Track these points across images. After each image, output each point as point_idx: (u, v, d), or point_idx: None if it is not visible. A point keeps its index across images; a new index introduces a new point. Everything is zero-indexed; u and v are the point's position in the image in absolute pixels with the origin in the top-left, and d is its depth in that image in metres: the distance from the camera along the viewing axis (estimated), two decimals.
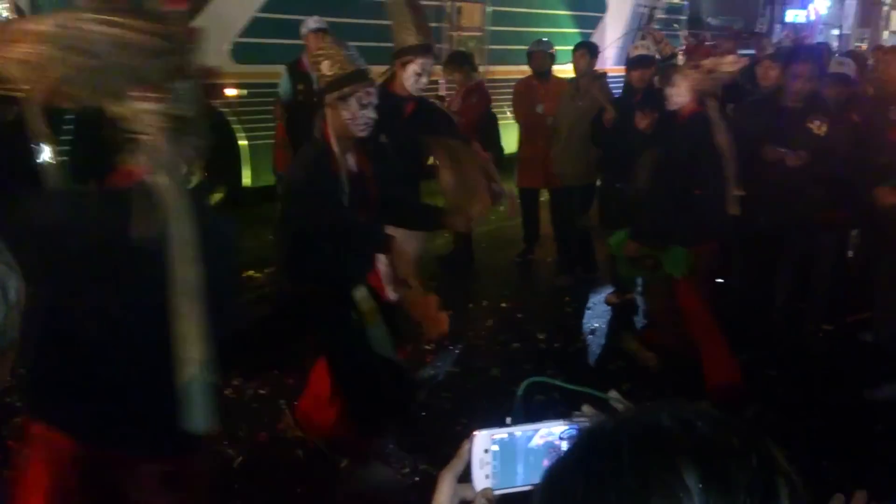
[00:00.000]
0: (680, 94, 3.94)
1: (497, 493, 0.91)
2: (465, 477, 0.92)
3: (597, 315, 5.58)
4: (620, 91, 5.94)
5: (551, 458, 0.89)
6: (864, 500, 0.96)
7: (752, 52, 8.87)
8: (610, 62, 9.49)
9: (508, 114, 7.36)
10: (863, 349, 4.79)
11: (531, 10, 9.95)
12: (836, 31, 20.46)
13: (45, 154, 2.85)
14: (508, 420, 0.94)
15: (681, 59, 6.31)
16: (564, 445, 0.91)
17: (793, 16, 17.56)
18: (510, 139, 6.54)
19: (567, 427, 0.92)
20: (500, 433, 0.92)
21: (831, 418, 4.09)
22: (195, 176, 1.81)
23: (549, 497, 0.68)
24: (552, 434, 0.93)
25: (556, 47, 6.49)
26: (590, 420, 0.88)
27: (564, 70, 6.79)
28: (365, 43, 7.37)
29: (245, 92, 7.39)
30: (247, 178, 7.63)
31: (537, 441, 0.92)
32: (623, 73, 6.10)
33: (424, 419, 3.83)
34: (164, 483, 1.88)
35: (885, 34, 23.06)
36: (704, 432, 0.65)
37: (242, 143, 7.53)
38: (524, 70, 6.54)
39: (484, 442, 0.91)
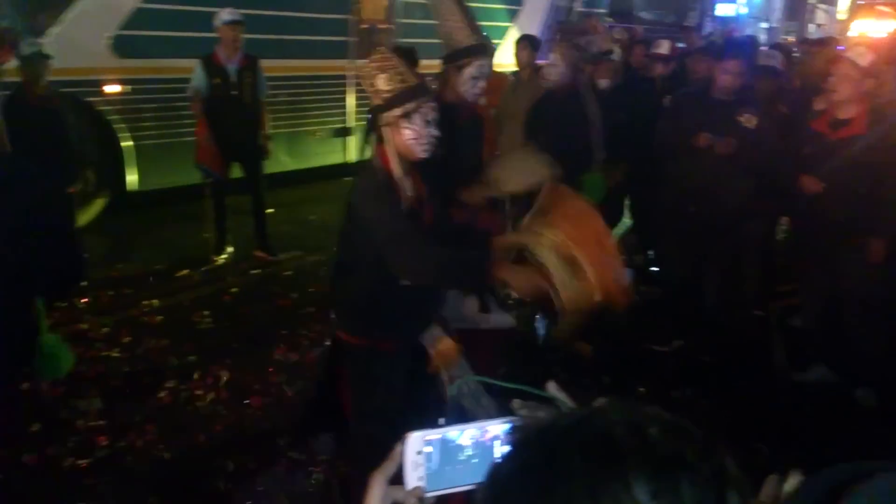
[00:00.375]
0: (556, 70, 4.46)
1: (431, 494, 0.90)
2: (399, 479, 0.90)
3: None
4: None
5: (486, 459, 0.89)
6: (798, 479, 0.97)
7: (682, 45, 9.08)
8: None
9: None
10: (792, 334, 4.95)
11: None
12: (764, 25, 21.06)
13: None
14: (442, 421, 0.93)
15: (617, 53, 6.37)
16: (498, 445, 0.90)
17: (722, 10, 17.97)
18: None
19: (502, 426, 0.91)
20: (433, 434, 0.90)
21: (762, 401, 4.22)
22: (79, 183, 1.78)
23: (492, 502, 0.66)
24: (487, 433, 0.92)
25: None
26: (527, 419, 0.87)
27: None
28: (270, 36, 7.33)
29: (129, 89, 6.85)
30: (132, 183, 7.02)
31: (471, 441, 0.91)
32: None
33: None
34: None
35: (811, 27, 23.86)
36: (657, 441, 0.63)
37: (126, 144, 6.91)
38: (435, 64, 6.43)
39: (416, 444, 0.89)
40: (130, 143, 6.95)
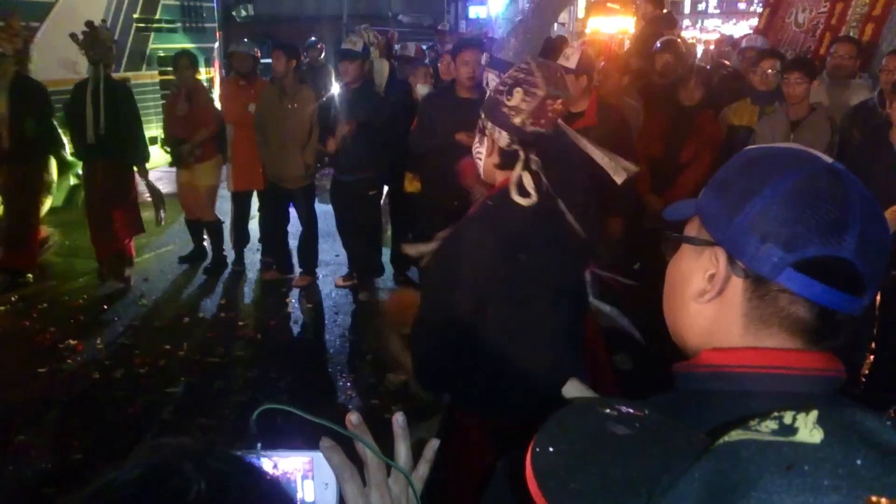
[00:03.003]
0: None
1: None
2: None
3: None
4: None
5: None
6: None
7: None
8: None
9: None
10: None
11: None
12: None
13: None
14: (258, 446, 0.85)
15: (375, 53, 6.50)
16: (300, 480, 0.85)
17: (475, 12, 18.90)
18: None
19: (307, 460, 0.84)
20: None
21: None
22: None
23: None
24: (289, 466, 0.84)
25: None
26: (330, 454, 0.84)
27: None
28: None
29: None
30: None
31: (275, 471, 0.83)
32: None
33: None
34: None
35: (556, 25, 25.74)
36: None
37: None
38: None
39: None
40: None
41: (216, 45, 9.99)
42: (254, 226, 6.62)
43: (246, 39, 6.92)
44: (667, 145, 4.77)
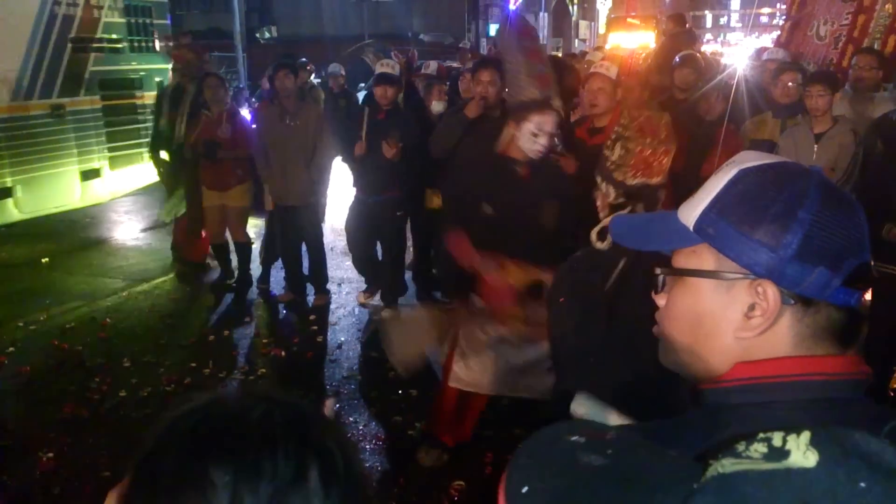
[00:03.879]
0: None
1: None
2: None
3: (343, 328, 5.64)
4: None
5: None
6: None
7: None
8: None
9: None
10: None
11: None
12: None
13: None
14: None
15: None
16: None
17: (495, 30, 19.00)
18: None
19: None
20: None
21: None
22: None
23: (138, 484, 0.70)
24: None
25: None
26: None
27: None
28: None
29: None
30: None
31: None
32: None
33: None
34: None
35: (576, 42, 25.84)
36: (233, 426, 0.68)
37: None
38: None
39: None
40: None
41: (171, 66, 8.62)
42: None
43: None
44: (687, 159, 4.75)
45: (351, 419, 4.28)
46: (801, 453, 0.52)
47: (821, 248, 0.83)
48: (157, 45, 8.65)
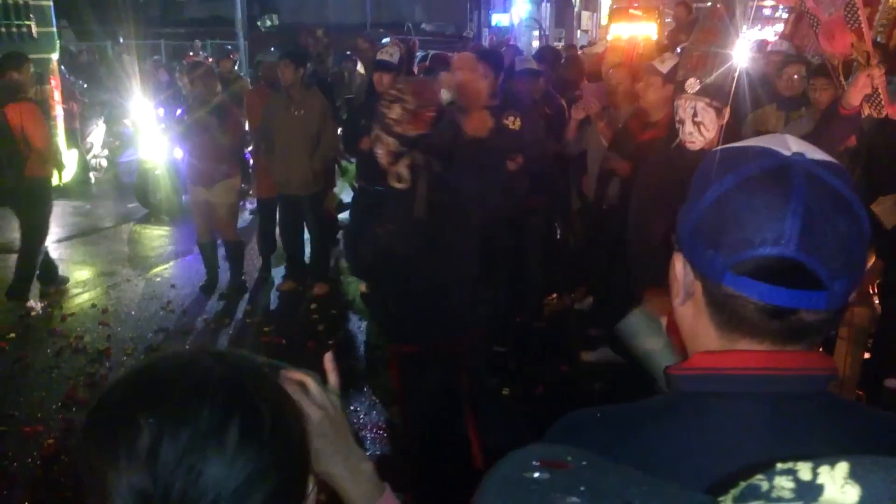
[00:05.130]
0: None
1: None
2: None
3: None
4: None
5: None
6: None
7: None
8: None
9: None
10: (581, 319, 5.34)
11: None
12: (536, 32, 22.47)
13: None
14: None
15: None
16: None
17: (496, 20, 18.96)
18: None
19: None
20: None
21: (557, 381, 4.51)
22: None
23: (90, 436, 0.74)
24: None
25: None
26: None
27: None
28: None
29: None
30: None
31: None
32: None
33: None
34: None
35: (578, 33, 25.75)
36: (169, 377, 0.73)
37: None
38: None
39: None
40: None
41: (55, 56, 7.79)
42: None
43: (273, 49, 6.96)
44: None
45: (351, 408, 4.28)
46: (839, 488, 0.45)
47: (714, 230, 0.82)
48: (35, 31, 7.35)
